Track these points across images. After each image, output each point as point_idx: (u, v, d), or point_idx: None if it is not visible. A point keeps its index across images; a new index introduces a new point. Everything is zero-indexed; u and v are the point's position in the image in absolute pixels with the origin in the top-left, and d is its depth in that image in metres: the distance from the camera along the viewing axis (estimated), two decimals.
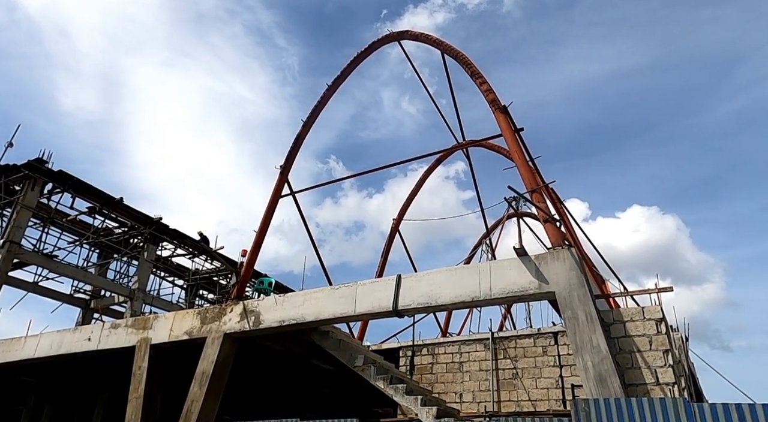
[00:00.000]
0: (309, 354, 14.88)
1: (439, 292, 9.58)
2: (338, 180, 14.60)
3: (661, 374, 7.53)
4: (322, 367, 16.49)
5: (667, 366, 7.57)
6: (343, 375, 17.56)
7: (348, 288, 10.79)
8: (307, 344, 14.14)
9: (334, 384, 18.93)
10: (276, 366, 17.07)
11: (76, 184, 21.44)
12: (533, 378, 12.14)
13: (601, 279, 15.07)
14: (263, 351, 14.51)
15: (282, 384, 19.33)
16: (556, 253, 8.74)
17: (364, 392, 18.87)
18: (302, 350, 14.31)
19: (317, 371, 17.40)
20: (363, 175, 14.19)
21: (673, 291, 8.33)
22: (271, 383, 19.23)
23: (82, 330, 14.55)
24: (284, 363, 16.74)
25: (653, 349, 7.81)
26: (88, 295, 26.18)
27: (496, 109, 11.08)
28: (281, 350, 14.15)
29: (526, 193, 9.75)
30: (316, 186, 14.66)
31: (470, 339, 13.51)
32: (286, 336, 12.86)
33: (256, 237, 13.17)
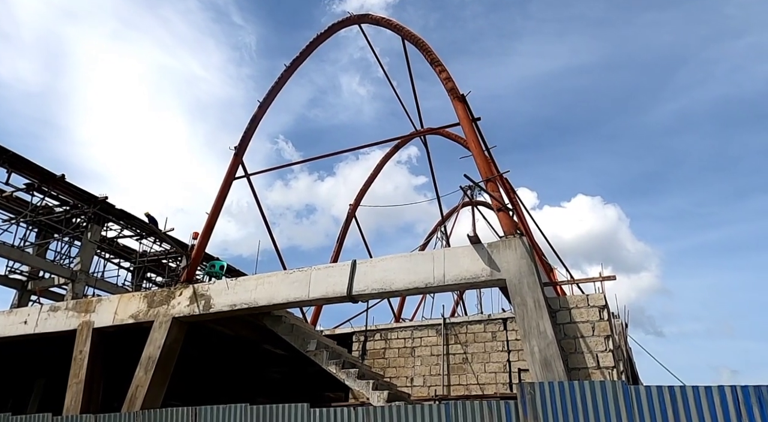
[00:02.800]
0: (260, 338, 14.72)
1: (394, 278, 9.64)
2: (297, 163, 14.40)
3: (601, 358, 7.90)
4: (274, 352, 16.38)
5: (607, 351, 7.95)
6: (295, 360, 17.51)
7: (302, 273, 10.69)
8: (258, 329, 13.97)
9: (285, 370, 18.86)
10: (226, 350, 16.81)
11: (11, 158, 20.13)
12: (482, 362, 12.48)
13: (549, 267, 15.58)
14: (213, 336, 14.23)
15: (232, 369, 19.08)
16: (507, 242, 8.95)
17: (316, 377, 18.90)
18: (253, 334, 14.14)
19: (268, 356, 17.27)
20: (323, 158, 14.03)
21: (615, 279, 8.73)
22: (220, 368, 18.94)
23: (17, 313, 13.79)
24: (234, 347, 16.51)
25: (595, 335, 8.18)
26: (24, 276, 24.77)
27: (455, 97, 11.15)
28: (231, 335, 13.92)
29: (481, 182, 9.90)
30: (272, 168, 14.40)
31: (423, 324, 13.72)
32: (237, 321, 12.66)
33: (208, 220, 12.81)
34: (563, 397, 4.78)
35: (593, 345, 8.06)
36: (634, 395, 4.54)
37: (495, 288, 23.86)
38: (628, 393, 4.56)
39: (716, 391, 4.36)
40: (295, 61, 13.81)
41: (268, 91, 13.82)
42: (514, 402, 4.99)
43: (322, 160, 14.79)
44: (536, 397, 4.85)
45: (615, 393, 4.61)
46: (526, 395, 4.92)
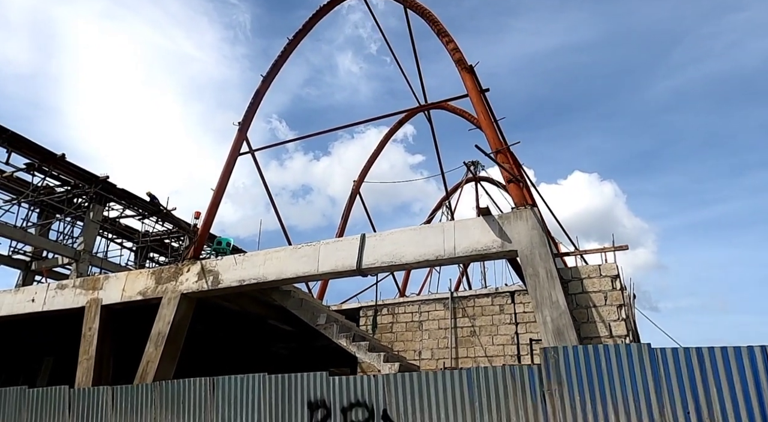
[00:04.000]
0: (267, 314, 14.78)
1: (403, 251, 9.61)
2: (303, 137, 14.19)
3: (614, 327, 7.92)
4: (280, 328, 16.46)
5: (620, 320, 7.96)
6: (301, 335, 17.63)
7: (310, 248, 10.65)
8: (265, 304, 14.02)
9: (293, 345, 19.00)
10: (232, 326, 16.90)
11: (11, 137, 19.92)
12: (490, 335, 12.55)
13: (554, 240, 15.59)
14: (219, 312, 14.27)
15: (238, 345, 19.22)
16: (518, 213, 8.88)
17: (320, 352, 19.06)
18: (260, 310, 14.19)
19: (275, 332, 17.36)
20: (328, 132, 13.87)
21: (628, 249, 8.70)
22: (227, 344, 19.07)
23: (24, 291, 13.80)
24: (240, 323, 16.58)
25: (608, 304, 8.18)
26: (28, 257, 24.77)
27: (463, 68, 10.95)
28: (238, 310, 13.96)
29: (491, 153, 9.79)
30: (276, 144, 14.25)
31: (430, 298, 13.76)
32: (244, 296, 12.67)
33: (213, 196, 12.72)
34: (587, 361, 4.77)
35: (606, 315, 8.07)
36: (660, 357, 4.52)
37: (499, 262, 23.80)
38: (654, 356, 4.55)
39: (746, 352, 4.33)
40: (298, 33, 13.55)
41: (271, 65, 13.59)
42: (537, 366, 4.98)
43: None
44: (560, 362, 4.85)
45: (641, 356, 4.60)
46: (549, 359, 4.92)
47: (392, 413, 5.23)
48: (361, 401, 5.38)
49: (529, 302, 12.36)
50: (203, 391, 6.07)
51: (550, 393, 4.83)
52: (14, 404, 7.13)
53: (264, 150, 13.54)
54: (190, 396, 6.11)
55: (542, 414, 4.81)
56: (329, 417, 5.44)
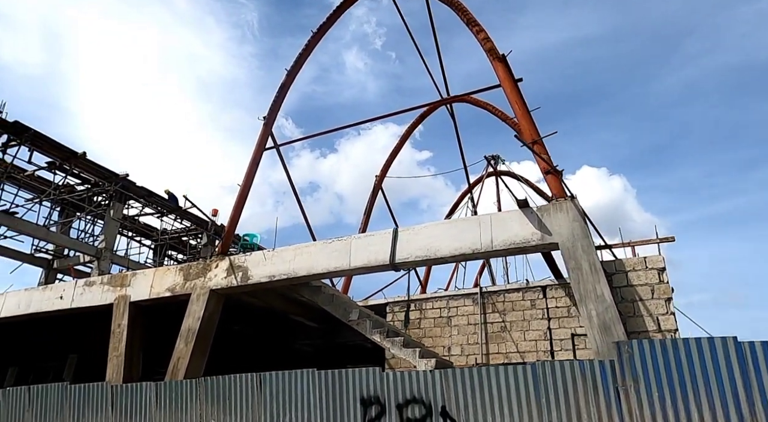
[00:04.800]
0: (291, 310, 14.69)
1: (438, 245, 9.42)
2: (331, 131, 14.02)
3: (663, 321, 7.68)
4: (305, 324, 16.37)
5: (668, 314, 7.72)
6: (325, 332, 17.53)
7: (341, 242, 10.50)
8: (290, 300, 13.91)
9: (317, 342, 18.88)
10: (255, 322, 16.84)
11: (33, 136, 20.02)
12: (521, 330, 12.33)
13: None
14: (242, 308, 14.17)
15: (261, 341, 19.16)
16: (558, 205, 8.66)
17: (344, 349, 18.95)
18: (284, 306, 14.08)
19: (298, 328, 17.28)
20: (354, 126, 13.75)
21: (674, 241, 8.44)
22: (249, 340, 19.01)
23: (52, 289, 13.82)
24: (264, 319, 16.51)
25: (655, 298, 7.93)
26: (50, 255, 24.97)
27: (495, 58, 10.72)
28: (262, 306, 13.85)
29: (528, 144, 9.55)
30: (302, 138, 14.11)
31: (458, 294, 13.56)
32: (269, 292, 12.57)
33: (240, 191, 12.61)
34: (665, 356, 4.55)
35: (653, 308, 7.83)
36: (749, 351, 4.29)
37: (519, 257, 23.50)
38: (742, 350, 4.32)
39: None
40: (322, 26, 13.39)
41: (296, 58, 13.44)
42: (610, 362, 4.77)
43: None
44: (634, 356, 4.63)
45: (726, 349, 4.37)
46: (623, 354, 4.71)
47: (452, 409, 5.06)
48: (418, 397, 5.22)
49: (561, 297, 12.12)
50: (250, 387, 5.94)
51: (624, 390, 4.63)
52: (56, 400, 7.08)
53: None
54: (237, 392, 5.99)
55: (616, 412, 4.61)
56: (384, 413, 5.29)
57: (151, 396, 6.35)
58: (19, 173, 21.52)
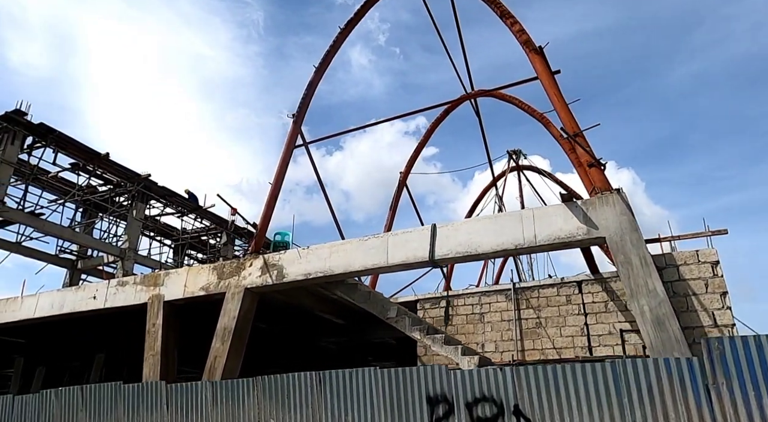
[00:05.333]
0: (320, 307, 14.63)
1: (479, 240, 9.32)
2: (359, 128, 13.98)
3: (719, 316, 7.52)
4: (333, 322, 16.32)
5: (724, 309, 7.56)
6: (351, 329, 17.47)
7: (378, 239, 10.43)
8: (319, 297, 13.86)
9: (341, 340, 18.86)
10: (281, 319, 16.83)
11: (58, 138, 20.14)
12: (557, 326, 12.19)
13: None
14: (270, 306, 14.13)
15: (286, 338, 19.17)
16: (604, 198, 8.51)
17: (369, 347, 18.90)
18: (313, 303, 14.02)
19: (324, 325, 17.23)
20: (383, 122, 13.67)
21: (728, 233, 8.26)
22: (274, 337, 19.01)
23: (85, 289, 13.91)
24: (291, 317, 16.50)
25: (709, 292, 7.77)
26: (74, 256, 25.18)
27: (531, 50, 10.56)
28: (290, 304, 13.79)
29: (569, 137, 9.41)
30: (331, 135, 14.04)
31: (491, 290, 13.44)
32: (300, 290, 12.53)
33: (271, 189, 12.59)
34: (761, 353, 4.40)
35: (708, 303, 7.67)
36: None
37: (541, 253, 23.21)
38: None
39: None
40: (350, 21, 13.30)
41: (324, 54, 13.38)
42: (698, 359, 4.64)
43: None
44: (726, 353, 4.50)
45: None
46: (713, 351, 4.57)
47: (525, 408, 4.96)
48: (488, 395, 5.12)
49: (598, 292, 11.96)
50: (310, 385, 5.88)
51: (715, 388, 4.50)
52: (110, 399, 7.09)
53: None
54: (296, 390, 5.94)
55: (708, 411, 4.47)
56: (452, 412, 5.20)
57: (207, 395, 6.31)
58: (43, 175, 21.71)
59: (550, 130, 15.98)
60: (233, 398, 6.18)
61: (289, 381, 5.97)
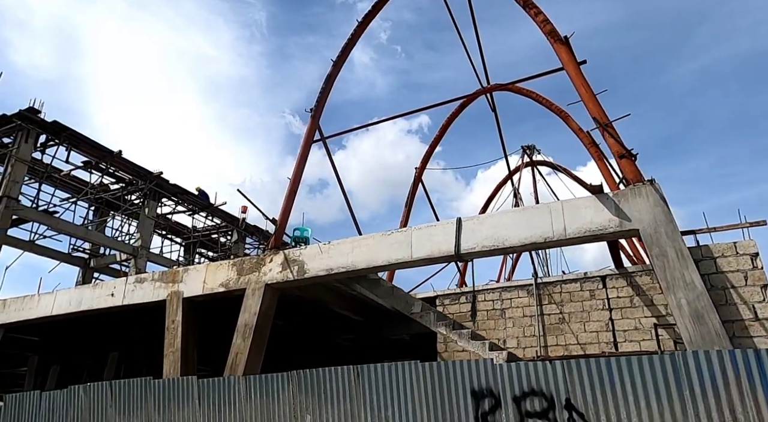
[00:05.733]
0: (338, 303, 14.51)
1: (506, 234, 9.16)
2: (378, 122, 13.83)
3: (760, 309, 7.33)
4: (351, 318, 16.20)
5: (766, 302, 7.37)
6: (367, 326, 17.35)
7: (401, 234, 10.28)
8: (337, 293, 13.74)
9: (357, 336, 18.73)
10: (299, 316, 16.73)
11: (71, 135, 20.13)
12: (581, 322, 12.02)
13: None
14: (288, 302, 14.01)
15: (302, 334, 19.06)
16: (637, 189, 8.33)
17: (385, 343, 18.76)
18: (332, 299, 13.90)
19: (341, 322, 17.10)
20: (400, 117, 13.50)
21: (766, 224, 8.06)
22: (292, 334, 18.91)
23: (103, 286, 13.84)
24: (308, 313, 16.39)
25: (749, 285, 7.59)
26: (87, 254, 25.18)
27: (556, 40, 10.38)
28: (308, 299, 13.67)
29: (598, 127, 9.23)
30: (350, 130, 13.89)
31: (512, 285, 13.28)
32: (319, 286, 12.40)
33: (290, 185, 12.47)
34: None
35: (748, 296, 7.49)
36: None
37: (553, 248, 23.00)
38: None
39: None
40: (368, 14, 13.15)
41: (342, 48, 13.25)
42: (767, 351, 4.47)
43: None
44: None
45: None
46: None
47: (577, 402, 4.81)
48: (537, 389, 4.97)
49: (623, 287, 11.78)
50: (347, 380, 5.75)
51: None
52: (140, 395, 6.99)
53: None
54: (332, 384, 5.81)
55: None
56: (499, 406, 5.06)
57: (241, 390, 6.19)
58: (55, 173, 21.69)
59: (569, 123, 15.79)
60: (267, 393, 6.05)
61: (326, 375, 5.83)
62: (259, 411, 5.99)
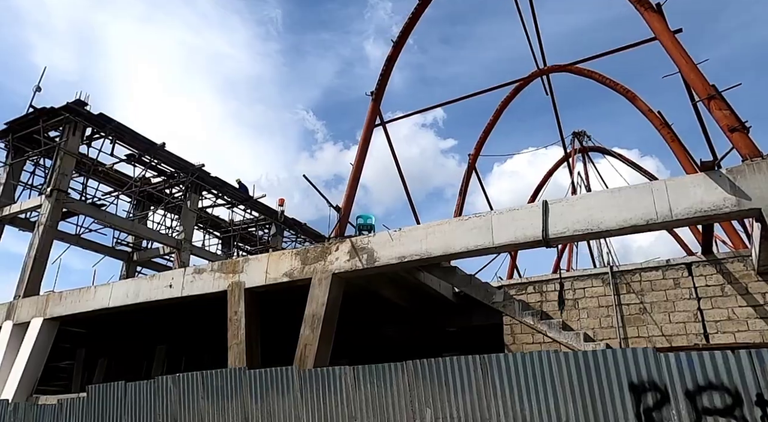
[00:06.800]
0: (394, 293, 14.01)
1: (602, 216, 8.51)
2: (434, 106, 13.28)
3: None
4: (403, 309, 15.67)
5: None
6: (419, 317, 16.81)
7: (480, 219, 9.71)
8: (396, 283, 13.23)
9: (404, 327, 18.22)
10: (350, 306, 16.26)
11: (116, 128, 20.02)
12: (665, 312, 11.29)
13: None
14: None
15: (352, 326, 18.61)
16: (756, 165, 7.61)
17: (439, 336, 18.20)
18: (388, 289, 13.39)
19: (391, 313, 16.59)
20: (463, 99, 12.90)
21: None
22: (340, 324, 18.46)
23: (160, 277, 13.60)
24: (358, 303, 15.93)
25: None
26: (130, 247, 25.25)
27: (646, 8, 9.65)
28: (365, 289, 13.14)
29: (703, 100, 8.50)
30: (412, 113, 13.35)
31: (583, 274, 12.60)
32: (379, 275, 11.91)
33: (353, 171, 12.01)
34: None
35: None
36: None
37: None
38: None
39: None
40: None
41: (402, 28, 12.71)
42: None
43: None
44: None
45: None
46: None
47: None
48: (716, 383, 4.38)
49: (712, 274, 11.02)
50: (472, 370, 5.24)
51: None
52: (233, 385, 6.62)
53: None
54: (455, 376, 5.30)
55: None
56: (666, 402, 4.48)
57: (347, 380, 5.75)
58: (99, 167, 21.66)
59: (637, 104, 14.99)
60: (379, 383, 5.57)
61: (446, 364, 5.33)
62: (370, 402, 5.53)
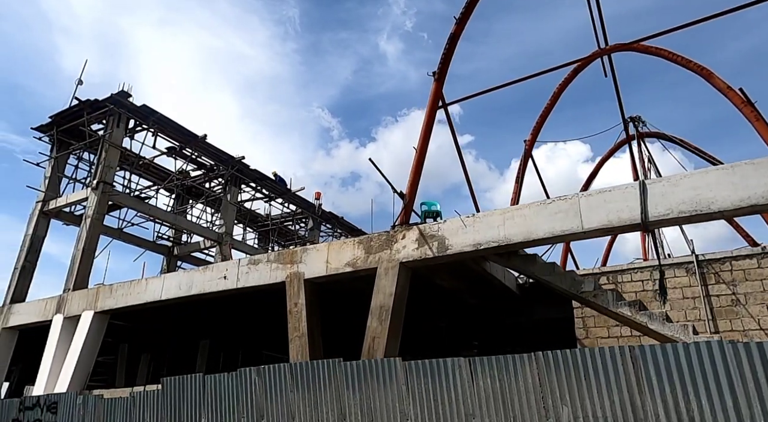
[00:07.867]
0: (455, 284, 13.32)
1: (712, 196, 7.69)
2: (500, 86, 12.52)
3: None
4: (463, 299, 15.01)
5: None
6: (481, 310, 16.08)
7: (565, 202, 8.97)
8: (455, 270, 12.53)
9: (464, 320, 17.52)
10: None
11: (159, 120, 19.77)
12: (763, 304, 10.38)
13: None
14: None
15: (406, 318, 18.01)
16: None
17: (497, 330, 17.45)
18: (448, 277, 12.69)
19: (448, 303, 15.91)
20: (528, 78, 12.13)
21: None
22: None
23: (213, 269, 13.20)
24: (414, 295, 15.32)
25: None
26: (171, 242, 25.12)
27: None
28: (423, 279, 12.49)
29: None
30: (472, 95, 12.64)
31: (665, 263, 11.74)
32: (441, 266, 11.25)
33: (416, 155, 11.38)
34: None
35: None
36: None
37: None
38: None
39: None
40: None
41: (464, 6, 11.98)
42: None
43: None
44: None
45: None
46: None
47: None
48: None
49: None
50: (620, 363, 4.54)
51: None
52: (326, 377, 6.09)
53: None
54: (597, 368, 4.64)
55: None
56: None
57: (463, 373, 5.12)
58: (140, 160, 21.50)
59: (712, 81, 13.98)
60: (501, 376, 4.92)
61: (587, 356, 4.66)
62: (491, 398, 4.90)
